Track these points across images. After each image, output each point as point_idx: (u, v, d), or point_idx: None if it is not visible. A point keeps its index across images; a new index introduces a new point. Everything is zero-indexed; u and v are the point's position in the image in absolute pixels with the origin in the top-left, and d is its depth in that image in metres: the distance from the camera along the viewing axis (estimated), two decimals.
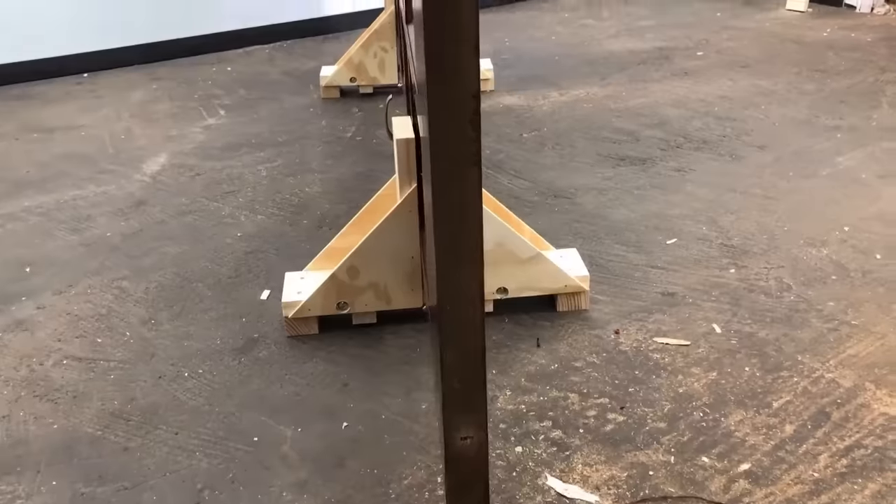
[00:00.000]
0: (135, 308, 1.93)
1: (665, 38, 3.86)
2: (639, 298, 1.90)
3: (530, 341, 1.78)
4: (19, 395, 1.66)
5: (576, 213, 2.30)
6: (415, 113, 1.74)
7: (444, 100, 0.94)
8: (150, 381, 1.69)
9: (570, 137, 2.80)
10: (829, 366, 1.66)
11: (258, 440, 1.52)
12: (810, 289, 1.91)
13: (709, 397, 1.59)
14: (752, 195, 2.36)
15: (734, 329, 1.78)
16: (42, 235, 2.28)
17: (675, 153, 2.65)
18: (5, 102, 3.29)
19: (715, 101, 3.06)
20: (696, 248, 2.10)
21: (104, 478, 1.45)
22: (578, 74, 3.42)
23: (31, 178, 2.63)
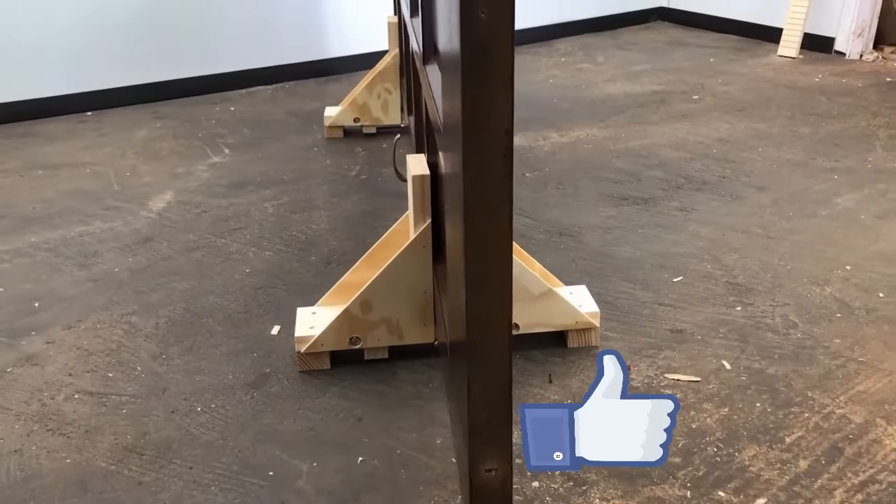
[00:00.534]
0: (145, 343, 1.93)
1: (661, 82, 3.94)
2: (648, 335, 1.92)
3: (542, 377, 1.79)
4: (31, 430, 1.65)
5: (582, 250, 2.32)
6: (430, 150, 1.77)
7: (479, 137, 0.97)
8: (162, 416, 1.68)
9: (572, 177, 2.84)
10: (840, 402, 1.67)
11: (273, 475, 1.52)
12: (816, 326, 1.93)
13: (722, 432, 1.60)
14: (754, 234, 2.39)
15: (743, 365, 1.80)
16: (49, 271, 2.28)
17: (676, 193, 2.69)
18: (10, 140, 3.31)
19: (713, 144, 3.12)
20: (702, 285, 2.13)
21: None
22: (577, 116, 3.48)
23: (37, 214, 2.63)
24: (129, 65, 3.70)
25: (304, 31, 4.05)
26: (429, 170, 1.70)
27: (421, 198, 1.70)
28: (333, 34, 4.14)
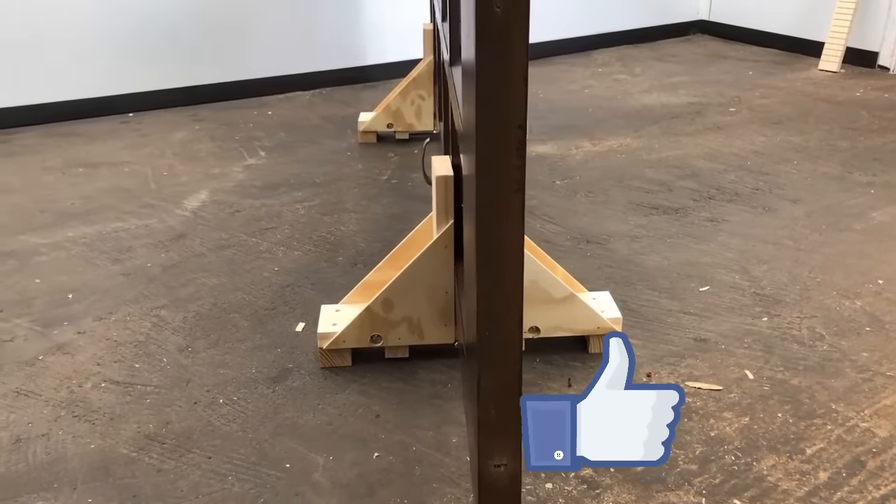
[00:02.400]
0: (172, 336, 1.97)
1: (698, 94, 3.91)
2: (671, 343, 1.91)
3: (561, 381, 1.78)
4: (59, 415, 1.69)
5: (608, 258, 2.32)
6: (454, 153, 1.78)
7: (493, 130, 0.98)
8: (185, 407, 1.71)
9: (602, 186, 2.84)
10: (864, 415, 1.64)
11: (290, 467, 1.54)
12: (844, 339, 1.90)
13: (741, 441, 1.58)
14: (784, 246, 2.36)
15: (766, 376, 1.78)
16: (84, 264, 2.33)
17: (707, 204, 2.67)
18: (53, 139, 3.40)
19: (748, 156, 3.09)
20: (728, 295, 2.11)
21: (138, 497, 1.47)
22: (611, 126, 3.47)
23: (76, 210, 2.70)
24: (170, 68, 3.78)
25: (342, 39, 4.11)
26: (452, 172, 1.72)
27: (444, 199, 1.72)
28: (371, 42, 4.18)
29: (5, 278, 2.26)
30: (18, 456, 1.57)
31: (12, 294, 2.18)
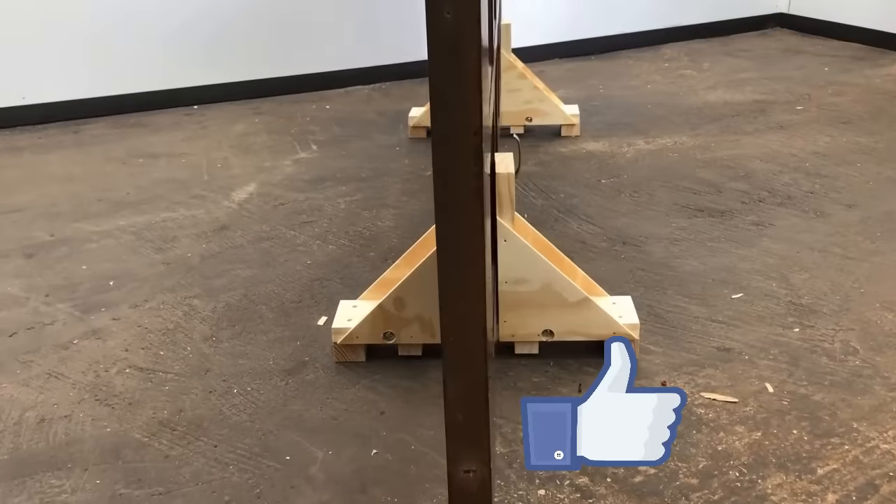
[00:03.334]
0: (200, 325, 2.03)
1: (765, 91, 3.77)
2: (693, 351, 1.85)
3: (572, 386, 1.76)
4: (83, 398, 1.77)
5: (642, 261, 2.26)
6: None
7: (449, 136, 0.97)
8: (200, 395, 1.77)
9: (649, 185, 2.77)
10: (888, 437, 1.56)
11: (290, 459, 1.57)
12: (879, 355, 1.81)
13: (748, 457, 1.52)
14: (831, 254, 2.26)
15: (788, 390, 1.71)
16: (129, 253, 2.43)
17: (756, 207, 2.57)
18: (120, 130, 3.54)
19: (807, 157, 2.96)
20: (761, 304, 2.03)
21: (143, 482, 1.52)
22: (668, 123, 3.38)
23: (130, 199, 2.81)
24: (235, 62, 3.88)
25: (403, 33, 4.13)
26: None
27: None
28: None
29: (56, 264, 2.37)
30: (40, 435, 1.66)
31: (60, 280, 2.29)
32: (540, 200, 2.69)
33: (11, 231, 2.60)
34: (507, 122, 3.27)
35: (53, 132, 3.53)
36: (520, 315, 1.79)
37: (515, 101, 3.23)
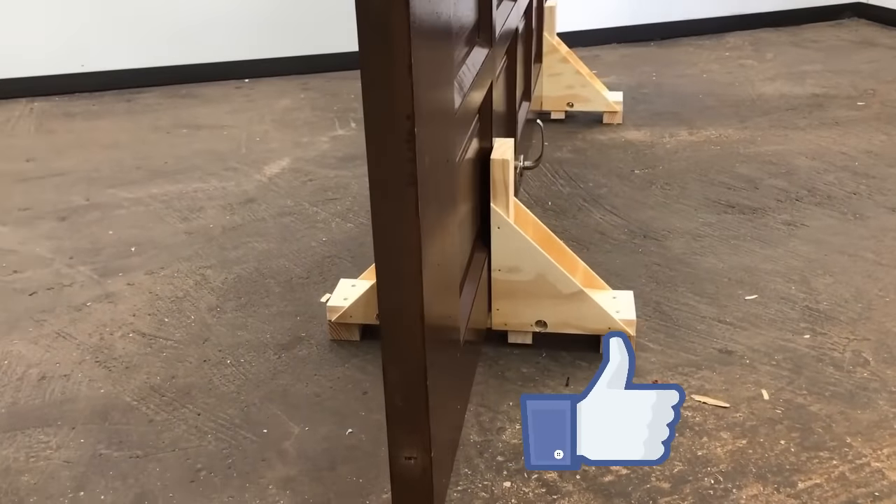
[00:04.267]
0: (208, 295, 2.07)
1: (827, 84, 3.60)
2: (692, 352, 1.79)
3: (560, 379, 1.72)
4: (84, 359, 1.83)
5: (659, 256, 2.20)
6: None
7: (380, 121, 0.95)
8: (194, 363, 1.80)
9: (683, 179, 2.68)
10: (881, 454, 1.48)
11: (267, 432, 1.59)
12: (892, 368, 1.72)
13: (728, 465, 1.47)
14: (861, 259, 2.15)
15: (784, 398, 1.64)
16: (156, 221, 2.49)
17: (791, 206, 2.47)
18: (172, 100, 3.63)
19: (858, 156, 2.82)
20: (775, 307, 1.95)
21: (124, 443, 1.57)
22: (717, 115, 3.26)
23: (167, 168, 2.88)
24: (286, 37, 3.92)
25: None
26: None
27: None
28: None
29: (85, 228, 2.46)
30: (38, 392, 1.72)
31: (86, 243, 2.36)
32: (567, 188, 2.64)
33: (52, 194, 2.70)
34: (548, 107, 3.22)
35: (108, 100, 3.64)
36: (512, 304, 1.77)
37: (557, 85, 3.17)
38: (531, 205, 2.52)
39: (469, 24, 1.44)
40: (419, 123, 0.96)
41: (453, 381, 1.32)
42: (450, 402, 1.29)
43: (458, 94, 1.29)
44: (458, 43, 1.28)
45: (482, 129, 1.65)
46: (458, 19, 1.28)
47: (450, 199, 1.22)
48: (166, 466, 1.51)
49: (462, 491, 1.43)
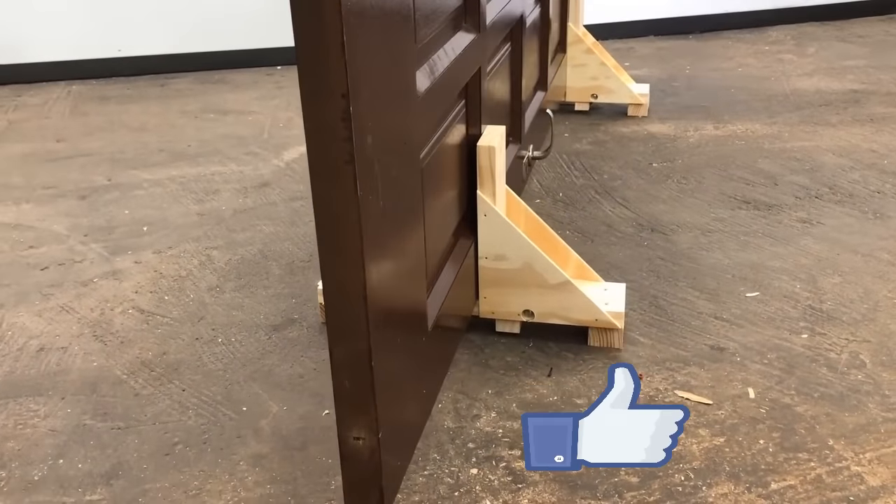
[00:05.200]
0: (210, 275, 2.11)
1: (867, 80, 3.48)
2: (683, 347, 1.76)
3: (544, 370, 1.71)
4: (82, 333, 1.88)
5: (664, 250, 2.16)
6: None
7: (317, 99, 0.96)
8: (187, 341, 1.84)
9: (701, 173, 2.63)
10: (863, 459, 1.43)
11: (246, 410, 1.61)
12: (888, 371, 1.66)
13: (701, 462, 1.44)
14: (875, 259, 2.08)
15: (771, 397, 1.59)
16: (171, 201, 2.55)
17: (810, 203, 2.40)
18: (204, 85, 3.70)
19: (889, 154, 2.72)
20: (776, 305, 1.90)
21: (108, 415, 1.61)
22: (746, 109, 3.19)
23: (189, 151, 2.94)
24: None
25: None
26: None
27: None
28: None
29: (103, 207, 2.52)
30: (36, 363, 1.78)
31: (102, 221, 2.43)
32: (581, 180, 2.61)
33: (76, 174, 2.78)
34: (573, 99, 3.18)
35: (142, 84, 3.72)
36: (500, 292, 1.76)
37: (581, 76, 3.13)
38: (542, 195, 2.50)
39: (450, 8, 1.43)
40: (357, 103, 0.97)
41: (415, 365, 1.32)
42: (409, 386, 1.29)
43: (427, 78, 1.29)
44: (426, 26, 1.27)
45: (469, 115, 1.64)
46: (427, 3, 1.27)
47: (410, 182, 1.22)
48: (144, 439, 1.54)
49: (428, 476, 1.43)
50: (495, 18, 1.75)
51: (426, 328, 1.38)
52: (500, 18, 1.81)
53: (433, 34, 1.33)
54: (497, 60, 1.91)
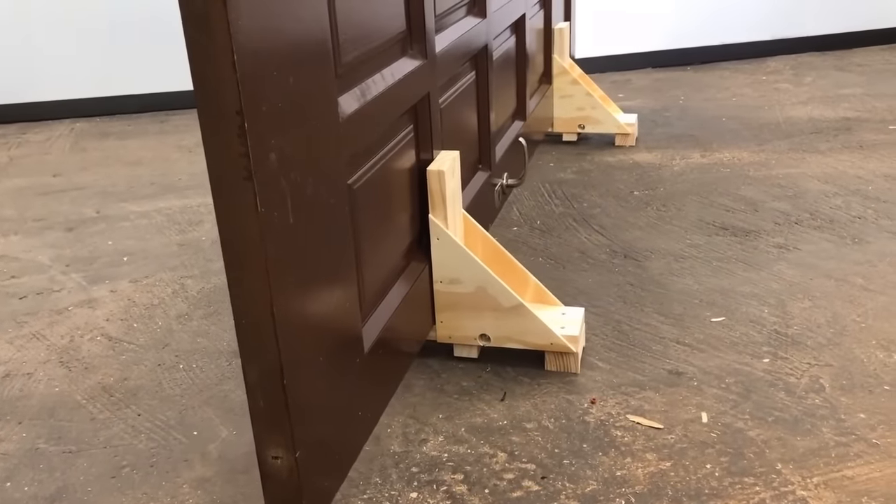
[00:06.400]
0: (181, 303, 2.14)
1: (861, 108, 3.46)
2: (641, 372, 1.74)
3: (498, 394, 1.70)
4: (49, 359, 1.91)
5: (635, 276, 2.15)
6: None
7: (212, 116, 0.98)
8: (149, 367, 1.86)
9: (682, 200, 2.62)
10: (810, 483, 1.40)
11: (197, 434, 1.62)
12: (847, 395, 1.62)
13: (644, 487, 1.41)
14: (848, 284, 2.04)
15: (724, 422, 1.57)
16: (155, 232, 2.59)
17: (789, 229, 2.37)
18: None
19: (874, 180, 2.69)
20: (741, 330, 1.87)
21: (61, 439, 1.62)
22: (736, 138, 3.17)
23: (179, 184, 2.99)
24: None
25: None
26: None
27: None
28: None
29: (88, 238, 2.57)
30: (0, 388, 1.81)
31: (85, 252, 2.47)
32: (561, 208, 2.61)
33: (67, 206, 2.84)
34: (560, 129, 3.20)
35: (144, 121, 3.81)
36: (456, 316, 1.76)
37: (568, 107, 3.15)
38: (520, 223, 2.50)
39: (388, 34, 1.46)
40: (254, 120, 0.98)
41: (347, 387, 1.32)
42: (337, 407, 1.29)
43: (356, 100, 1.31)
44: (353, 51, 1.29)
45: (420, 140, 1.66)
46: (355, 29, 1.30)
47: (334, 201, 1.23)
48: (94, 462, 1.55)
49: (367, 499, 1.42)
50: (448, 47, 1.78)
51: (361, 350, 1.38)
52: (456, 47, 1.84)
53: (365, 59, 1.36)
54: (457, 88, 1.93)
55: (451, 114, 1.88)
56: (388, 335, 1.50)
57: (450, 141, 1.87)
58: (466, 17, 1.99)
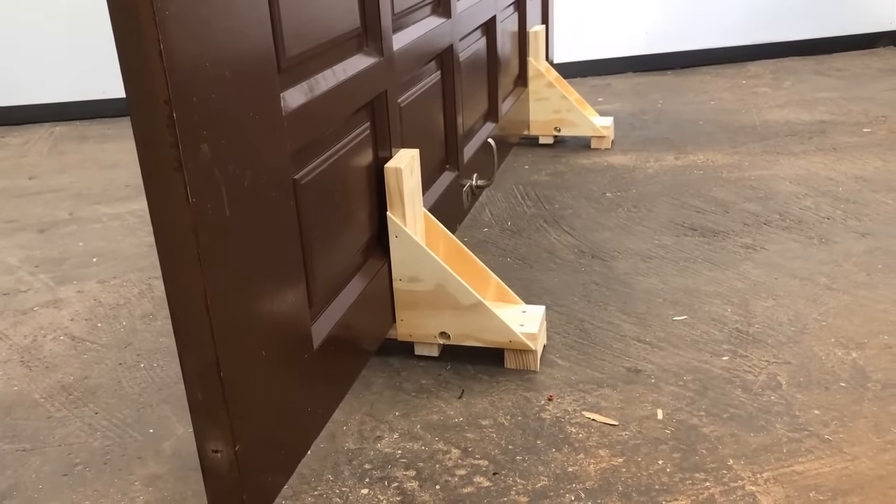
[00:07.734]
0: (146, 304, 2.13)
1: (837, 111, 3.47)
2: (599, 370, 1.74)
3: (456, 392, 1.70)
4: (10, 359, 1.90)
5: (601, 276, 2.15)
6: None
7: (142, 106, 0.98)
8: (110, 366, 1.85)
9: (653, 202, 2.62)
10: (759, 479, 1.40)
11: (152, 432, 1.62)
12: (802, 392, 1.62)
13: (595, 482, 1.41)
14: (813, 283, 2.05)
15: (679, 418, 1.57)
16: (126, 234, 2.59)
17: (757, 229, 2.38)
18: None
19: (845, 181, 2.70)
20: (702, 328, 1.87)
21: (16, 437, 1.62)
22: (711, 141, 3.18)
23: None
24: None
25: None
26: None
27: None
28: None
29: (59, 239, 2.57)
30: None
31: (55, 253, 2.47)
32: (532, 209, 2.61)
33: (40, 208, 2.84)
34: (536, 132, 3.21)
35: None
36: (415, 314, 1.76)
37: (544, 110, 3.16)
38: (491, 224, 2.50)
39: (341, 31, 1.46)
40: (184, 111, 0.99)
41: (293, 382, 1.32)
42: (283, 402, 1.29)
43: (302, 95, 1.31)
44: (300, 45, 1.30)
45: (378, 137, 1.66)
46: (302, 24, 1.30)
47: (277, 195, 1.23)
48: (47, 460, 1.55)
49: (317, 496, 1.42)
50: (408, 45, 1.78)
51: (310, 346, 1.38)
52: (417, 46, 1.84)
53: (313, 55, 1.36)
54: (420, 87, 1.93)
55: (413, 112, 1.88)
56: (341, 332, 1.50)
57: (413, 139, 1.87)
58: (430, 16, 1.99)
